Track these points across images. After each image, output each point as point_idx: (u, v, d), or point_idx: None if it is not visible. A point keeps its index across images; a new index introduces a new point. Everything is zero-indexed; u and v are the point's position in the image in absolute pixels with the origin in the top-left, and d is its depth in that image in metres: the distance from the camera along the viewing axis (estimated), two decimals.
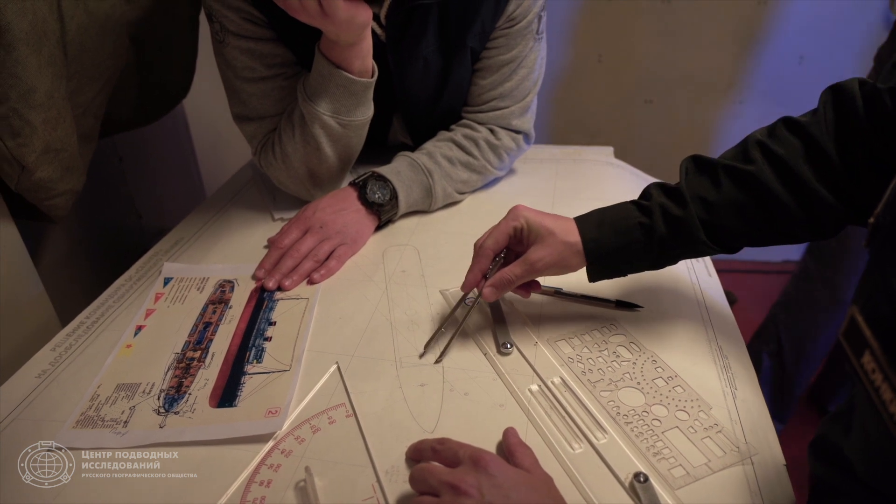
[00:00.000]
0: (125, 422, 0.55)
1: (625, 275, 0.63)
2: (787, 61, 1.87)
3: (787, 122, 0.57)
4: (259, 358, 0.62)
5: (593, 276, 0.62)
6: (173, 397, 0.58)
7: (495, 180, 0.96)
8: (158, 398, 0.58)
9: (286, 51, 0.81)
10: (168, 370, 0.61)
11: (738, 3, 1.79)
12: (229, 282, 0.75)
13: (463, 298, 0.65)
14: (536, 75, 0.89)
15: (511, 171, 1.00)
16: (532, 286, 0.64)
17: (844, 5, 1.77)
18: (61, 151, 0.72)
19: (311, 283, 0.74)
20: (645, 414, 0.54)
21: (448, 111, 0.91)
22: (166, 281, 0.75)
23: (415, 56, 0.81)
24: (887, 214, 0.37)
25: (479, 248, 0.62)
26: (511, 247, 0.63)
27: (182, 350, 0.64)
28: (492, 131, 0.89)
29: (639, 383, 0.58)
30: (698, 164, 0.61)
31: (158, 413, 0.56)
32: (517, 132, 0.91)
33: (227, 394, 0.58)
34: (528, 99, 0.89)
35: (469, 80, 0.88)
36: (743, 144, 0.59)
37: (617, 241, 0.59)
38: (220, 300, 0.71)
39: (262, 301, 0.71)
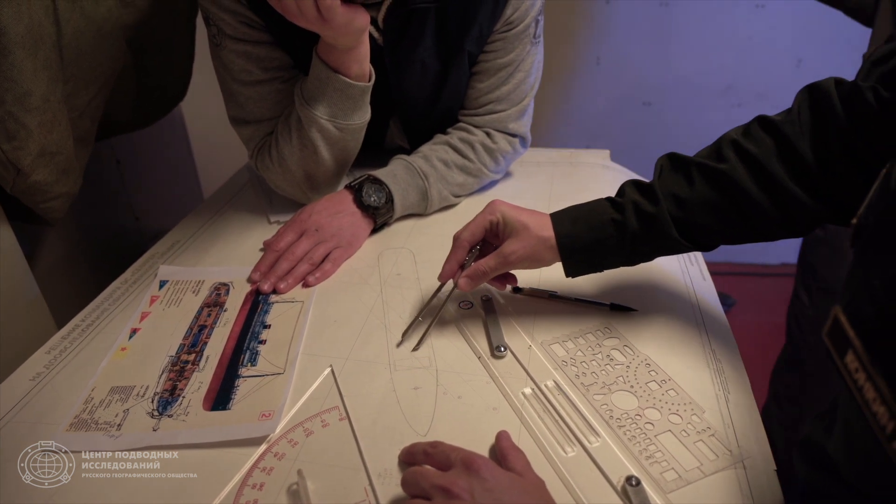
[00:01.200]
0: (119, 425, 0.55)
1: (600, 270, 0.63)
2: (784, 64, 1.87)
3: (761, 120, 0.58)
4: (253, 361, 0.63)
5: (569, 271, 0.63)
6: (167, 400, 0.58)
7: (491, 183, 0.96)
8: (152, 401, 0.58)
9: (283, 54, 0.81)
10: (162, 373, 0.61)
11: (735, 6, 1.80)
12: (225, 284, 0.75)
13: (440, 288, 0.67)
14: (533, 79, 0.89)
15: (507, 174, 1.00)
16: (507, 278, 0.66)
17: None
18: (57, 154, 0.72)
19: (306, 286, 0.74)
20: (638, 417, 0.54)
21: (445, 114, 0.92)
22: (162, 284, 0.75)
23: (412, 59, 0.81)
24: (870, 214, 0.37)
25: (456, 239, 0.64)
26: (488, 240, 0.64)
27: (177, 353, 0.64)
28: (488, 134, 0.90)
29: (632, 387, 0.58)
30: (673, 162, 0.62)
31: (152, 416, 0.56)
32: (513, 135, 0.91)
33: (220, 396, 0.58)
34: (525, 102, 0.90)
35: (466, 83, 0.88)
36: (717, 143, 0.60)
37: (590, 236, 0.60)
38: (215, 303, 0.72)
39: (257, 304, 0.71)
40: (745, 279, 2.12)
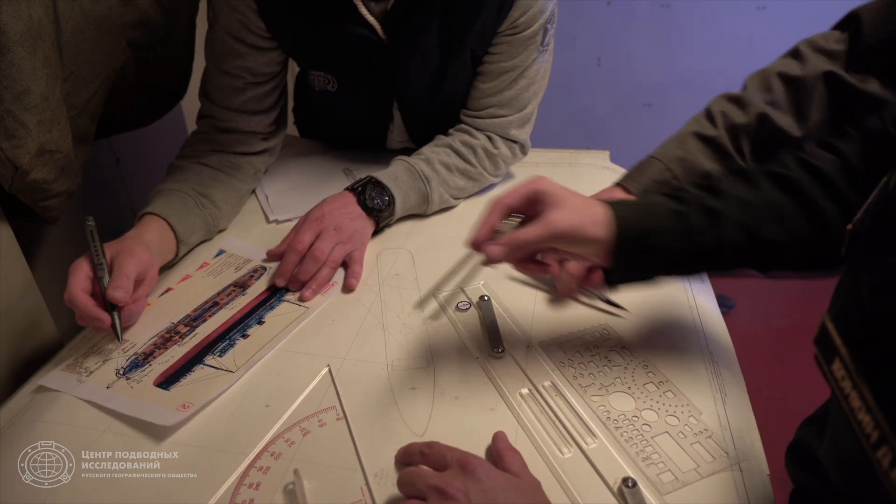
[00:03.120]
0: (91, 372, 0.58)
1: (651, 273, 0.55)
2: None
3: (819, 142, 0.54)
4: (223, 353, 0.63)
5: (616, 273, 0.54)
6: (138, 363, 0.60)
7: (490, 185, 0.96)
8: (127, 360, 0.60)
9: (264, 63, 0.84)
10: (153, 338, 0.63)
11: (737, 7, 1.80)
12: (263, 268, 0.76)
13: (467, 260, 0.59)
14: (537, 87, 0.88)
15: (506, 174, 1.00)
16: (544, 267, 0.56)
17: (843, 10, 1.77)
18: (56, 153, 0.72)
19: (347, 290, 0.73)
20: (635, 419, 0.54)
21: (445, 108, 0.91)
22: (219, 252, 0.77)
23: (414, 48, 0.82)
24: (866, 219, 0.37)
25: (493, 202, 0.54)
26: (527, 213, 0.55)
27: (177, 322, 0.65)
28: (490, 139, 0.89)
29: (629, 388, 0.58)
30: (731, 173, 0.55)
31: (117, 374, 0.58)
32: (514, 142, 0.91)
33: (172, 377, 0.59)
34: (528, 110, 0.89)
35: (468, 78, 0.88)
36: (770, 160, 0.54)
37: (650, 223, 0.51)
38: (242, 284, 0.72)
39: (270, 297, 0.71)
40: (744, 281, 2.12)
